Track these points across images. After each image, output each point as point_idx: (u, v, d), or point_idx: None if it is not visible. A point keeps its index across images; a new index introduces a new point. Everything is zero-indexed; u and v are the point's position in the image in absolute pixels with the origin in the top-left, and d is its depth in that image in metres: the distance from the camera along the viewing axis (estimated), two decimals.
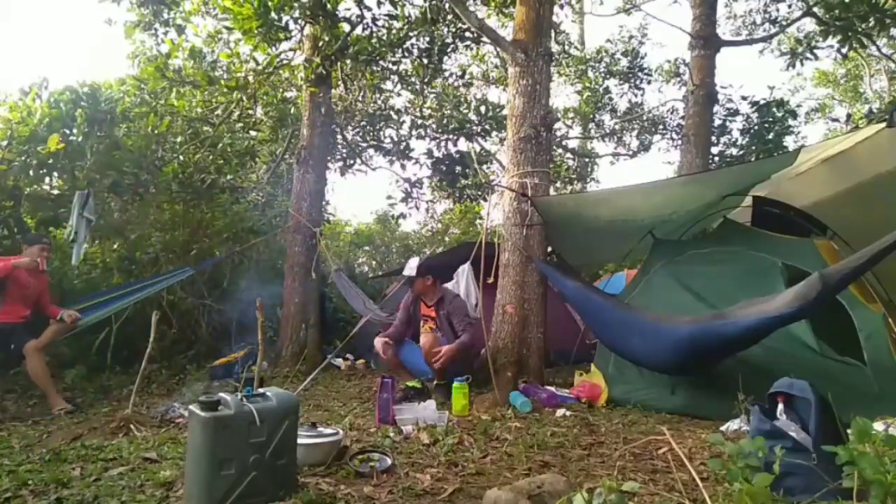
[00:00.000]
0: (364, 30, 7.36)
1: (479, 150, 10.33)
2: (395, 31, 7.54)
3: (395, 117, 9.72)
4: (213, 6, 7.34)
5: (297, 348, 6.21)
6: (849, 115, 12.49)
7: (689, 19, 8.00)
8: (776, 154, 7.77)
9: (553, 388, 4.14)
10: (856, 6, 7.10)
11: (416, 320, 4.71)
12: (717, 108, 8.91)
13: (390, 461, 2.44)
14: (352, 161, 10.02)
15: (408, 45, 8.03)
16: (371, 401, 4.06)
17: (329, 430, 2.59)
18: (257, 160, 8.96)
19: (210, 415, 1.92)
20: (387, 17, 7.42)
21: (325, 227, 8.10)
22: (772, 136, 9.41)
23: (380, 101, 9.67)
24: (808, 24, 9.51)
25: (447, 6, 7.29)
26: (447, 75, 10.32)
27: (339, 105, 8.73)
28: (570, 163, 13.32)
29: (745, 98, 9.81)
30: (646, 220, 4.86)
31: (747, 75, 23.42)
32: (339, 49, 6.79)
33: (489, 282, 4.70)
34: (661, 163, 46.01)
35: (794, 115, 9.91)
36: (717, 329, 3.23)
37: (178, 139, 7.60)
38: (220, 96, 8.11)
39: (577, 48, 13.68)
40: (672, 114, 12.09)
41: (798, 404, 2.07)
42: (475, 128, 9.10)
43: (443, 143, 9.55)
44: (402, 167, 9.91)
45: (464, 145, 9.60)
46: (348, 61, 7.59)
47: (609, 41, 13.07)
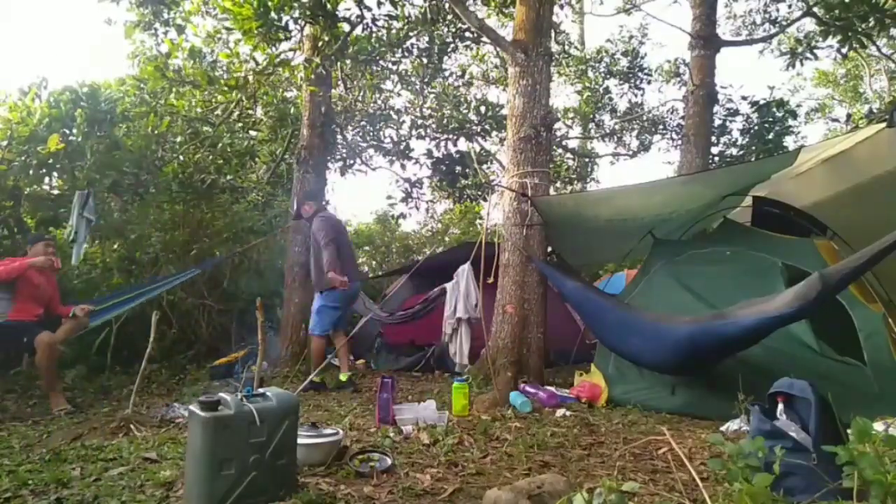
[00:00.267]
0: (364, 30, 7.36)
1: (479, 150, 10.33)
2: (395, 31, 7.54)
3: (395, 117, 9.72)
4: (212, 6, 7.34)
5: (297, 348, 6.21)
6: (849, 115, 12.49)
7: (689, 19, 8.01)
8: (776, 154, 7.77)
9: (553, 388, 4.14)
10: (856, 6, 7.10)
11: None
12: (717, 108, 8.91)
13: (390, 461, 2.44)
14: (352, 161, 10.01)
15: (408, 45, 8.04)
16: (371, 401, 4.06)
17: (329, 430, 2.59)
18: (257, 160, 8.96)
19: (210, 415, 1.92)
20: (387, 17, 7.42)
21: None
22: (772, 136, 9.42)
23: (380, 101, 9.68)
24: (808, 24, 9.52)
25: (447, 6, 7.29)
26: (447, 75, 10.33)
27: (339, 105, 8.73)
28: (570, 163, 13.32)
29: (745, 98, 9.81)
30: (646, 219, 4.86)
31: (747, 75, 23.46)
32: (339, 49, 6.78)
33: (489, 282, 4.71)
34: (661, 163, 46.08)
35: (794, 115, 9.92)
36: (717, 329, 3.23)
37: (178, 139, 7.61)
38: (219, 96, 8.11)
39: (577, 48, 13.68)
40: (672, 114, 12.09)
41: (798, 404, 2.07)
42: (475, 128, 9.10)
43: (443, 143, 9.55)
44: (402, 167, 9.92)
45: (464, 145, 9.61)
46: (348, 61, 7.60)
47: (609, 41, 13.09)
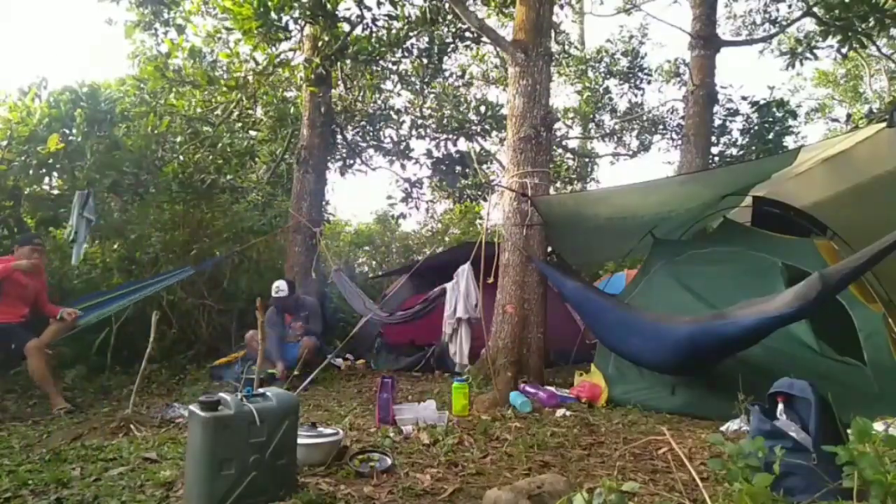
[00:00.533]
0: (364, 30, 7.37)
1: (479, 150, 10.34)
2: (394, 31, 7.54)
3: (395, 117, 9.73)
4: (212, 6, 7.34)
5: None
6: (849, 115, 12.49)
7: (689, 19, 8.01)
8: (776, 154, 7.77)
9: (553, 388, 4.14)
10: (856, 6, 7.11)
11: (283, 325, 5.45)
12: (717, 108, 8.92)
13: (390, 461, 2.44)
14: (352, 161, 10.02)
15: (408, 45, 8.04)
16: (371, 401, 4.06)
17: (329, 430, 2.59)
18: (257, 160, 8.97)
19: (210, 415, 1.92)
20: (387, 17, 7.42)
21: (325, 227, 8.10)
22: (772, 136, 9.42)
23: (380, 101, 9.68)
24: (808, 24, 9.52)
25: (447, 6, 7.29)
26: (447, 75, 10.33)
27: (339, 105, 8.73)
28: (570, 163, 13.33)
29: (745, 98, 9.82)
30: (645, 218, 4.86)
31: (747, 75, 23.46)
32: (339, 49, 6.79)
33: (489, 282, 4.71)
34: (661, 163, 46.02)
35: (794, 115, 9.92)
36: (717, 329, 3.23)
37: (178, 139, 7.61)
38: (219, 96, 8.12)
39: (577, 48, 13.69)
40: (672, 114, 12.10)
41: (798, 404, 2.07)
42: (475, 128, 9.11)
43: (443, 143, 9.55)
44: (402, 167, 9.93)
45: (464, 145, 9.61)
46: (348, 61, 7.60)
47: (609, 41, 13.09)
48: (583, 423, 3.38)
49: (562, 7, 10.07)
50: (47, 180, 5.93)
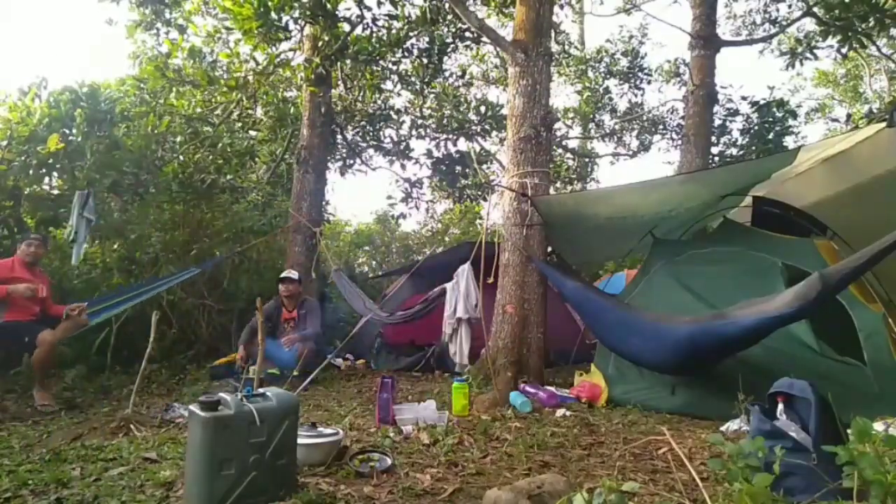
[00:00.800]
0: (364, 30, 7.37)
1: (479, 150, 10.34)
2: (395, 31, 7.54)
3: (395, 117, 9.73)
4: (213, 6, 7.34)
5: None
6: (849, 115, 12.49)
7: (689, 19, 8.01)
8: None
9: (553, 388, 4.14)
10: (856, 6, 7.11)
11: (279, 322, 5.40)
12: (717, 108, 8.92)
13: (390, 461, 2.44)
14: (352, 161, 10.03)
15: (408, 45, 8.04)
16: (371, 401, 4.06)
17: (329, 430, 2.59)
18: (257, 160, 8.97)
19: (210, 415, 1.91)
20: (387, 17, 7.42)
21: (325, 227, 8.10)
22: (772, 136, 9.42)
23: (380, 101, 9.68)
24: (808, 24, 9.52)
25: (447, 6, 7.29)
26: (447, 75, 10.33)
27: (339, 105, 8.73)
28: (570, 163, 13.33)
29: (745, 98, 9.82)
30: (645, 217, 4.86)
31: (747, 75, 23.45)
32: (339, 49, 6.79)
33: (489, 282, 4.71)
34: (661, 163, 46.00)
35: (794, 115, 9.92)
36: (717, 329, 3.23)
37: (178, 139, 7.61)
38: (219, 96, 8.11)
39: (577, 48, 13.69)
40: (672, 114, 12.11)
41: (798, 404, 2.07)
42: (475, 128, 9.11)
43: (443, 143, 9.56)
44: (402, 167, 9.93)
45: (464, 145, 9.62)
46: (348, 61, 7.60)
47: (609, 41, 13.10)
48: (583, 423, 3.38)
49: (562, 7, 10.07)
50: (47, 180, 5.94)
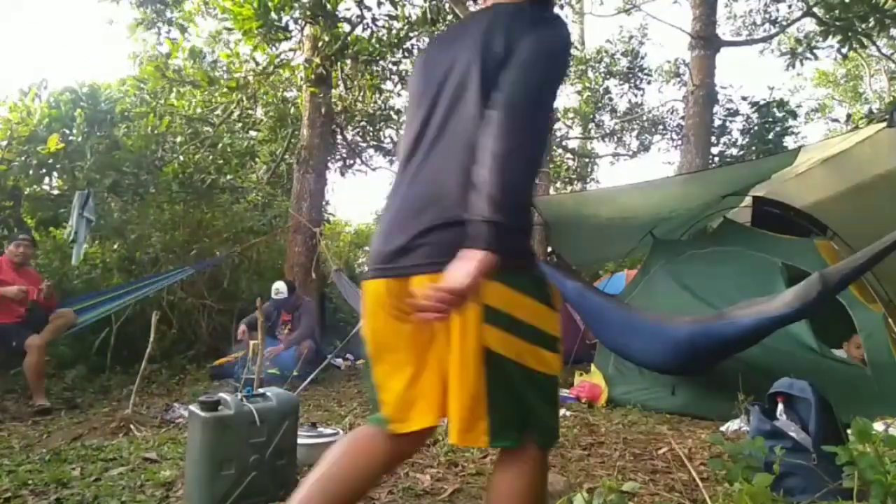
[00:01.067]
0: (364, 30, 7.36)
1: None
2: (395, 32, 7.54)
3: (395, 117, 9.73)
4: (213, 6, 7.34)
5: None
6: (849, 115, 12.50)
7: (689, 19, 8.01)
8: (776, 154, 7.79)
9: None
10: (856, 6, 7.11)
11: (277, 322, 5.50)
12: (717, 108, 8.93)
13: None
14: (352, 161, 10.03)
15: (408, 45, 8.03)
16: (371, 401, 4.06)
17: (329, 430, 2.59)
18: (257, 160, 8.97)
19: (210, 415, 1.92)
20: (387, 18, 7.42)
21: (325, 227, 8.10)
22: (772, 136, 9.43)
23: (380, 101, 9.69)
24: (808, 24, 9.51)
25: (447, 6, 7.29)
26: None
27: (339, 105, 8.73)
28: (570, 163, 13.33)
29: (745, 98, 9.83)
30: (645, 218, 4.86)
31: (747, 75, 23.41)
32: (339, 49, 6.79)
33: None
34: (661, 163, 45.87)
35: (794, 115, 9.93)
36: (717, 329, 3.23)
37: (178, 139, 7.61)
38: (219, 96, 8.11)
39: (577, 48, 13.68)
40: (672, 114, 12.11)
41: (798, 404, 2.07)
42: None
43: None
44: None
45: None
46: (348, 61, 7.60)
47: (609, 41, 13.11)
48: (583, 423, 3.38)
49: (562, 7, 10.07)
50: (47, 180, 5.93)
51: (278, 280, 5.53)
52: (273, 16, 6.05)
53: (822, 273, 2.74)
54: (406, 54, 8.35)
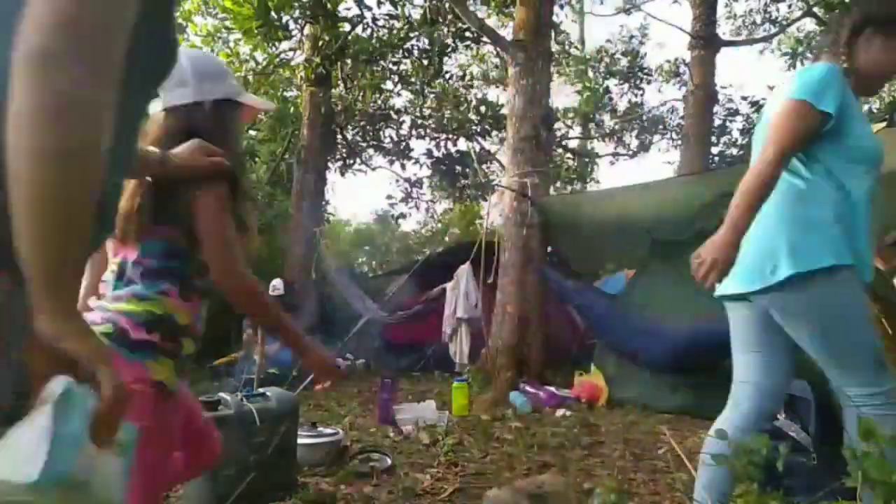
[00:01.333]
0: (364, 30, 7.37)
1: (479, 149, 10.34)
2: (395, 32, 7.54)
3: (395, 117, 9.73)
4: (213, 6, 7.34)
5: None
6: None
7: (689, 19, 8.00)
8: None
9: (553, 388, 4.14)
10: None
11: None
12: (717, 108, 8.92)
13: (390, 461, 2.44)
14: (352, 161, 10.03)
15: (408, 45, 8.04)
16: (371, 401, 4.06)
17: (329, 430, 2.59)
18: (257, 160, 8.97)
19: (210, 415, 1.91)
20: (387, 18, 7.43)
21: (325, 227, 8.10)
22: None
23: (380, 101, 9.69)
24: (808, 24, 9.52)
25: (447, 6, 7.29)
26: (447, 76, 10.34)
27: (339, 105, 8.73)
28: (570, 163, 13.32)
29: (745, 98, 9.83)
30: (645, 219, 4.86)
31: (747, 75, 23.43)
32: (339, 49, 6.80)
33: (489, 282, 4.71)
34: (661, 163, 45.95)
35: None
36: (716, 329, 3.22)
37: None
38: None
39: (577, 48, 13.68)
40: (672, 114, 12.09)
41: (798, 404, 2.07)
42: (475, 128, 9.11)
43: (443, 143, 9.56)
44: (402, 167, 9.94)
45: (464, 145, 9.62)
46: (348, 61, 7.60)
47: (609, 41, 13.09)
48: (583, 423, 3.37)
49: (562, 7, 10.09)
50: None
51: (275, 279, 5.53)
52: (273, 15, 6.05)
53: None
54: (406, 54, 8.36)
